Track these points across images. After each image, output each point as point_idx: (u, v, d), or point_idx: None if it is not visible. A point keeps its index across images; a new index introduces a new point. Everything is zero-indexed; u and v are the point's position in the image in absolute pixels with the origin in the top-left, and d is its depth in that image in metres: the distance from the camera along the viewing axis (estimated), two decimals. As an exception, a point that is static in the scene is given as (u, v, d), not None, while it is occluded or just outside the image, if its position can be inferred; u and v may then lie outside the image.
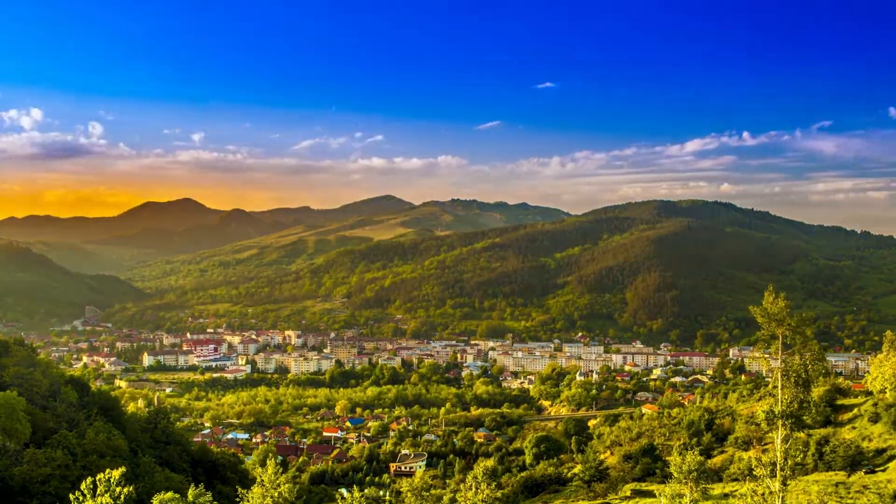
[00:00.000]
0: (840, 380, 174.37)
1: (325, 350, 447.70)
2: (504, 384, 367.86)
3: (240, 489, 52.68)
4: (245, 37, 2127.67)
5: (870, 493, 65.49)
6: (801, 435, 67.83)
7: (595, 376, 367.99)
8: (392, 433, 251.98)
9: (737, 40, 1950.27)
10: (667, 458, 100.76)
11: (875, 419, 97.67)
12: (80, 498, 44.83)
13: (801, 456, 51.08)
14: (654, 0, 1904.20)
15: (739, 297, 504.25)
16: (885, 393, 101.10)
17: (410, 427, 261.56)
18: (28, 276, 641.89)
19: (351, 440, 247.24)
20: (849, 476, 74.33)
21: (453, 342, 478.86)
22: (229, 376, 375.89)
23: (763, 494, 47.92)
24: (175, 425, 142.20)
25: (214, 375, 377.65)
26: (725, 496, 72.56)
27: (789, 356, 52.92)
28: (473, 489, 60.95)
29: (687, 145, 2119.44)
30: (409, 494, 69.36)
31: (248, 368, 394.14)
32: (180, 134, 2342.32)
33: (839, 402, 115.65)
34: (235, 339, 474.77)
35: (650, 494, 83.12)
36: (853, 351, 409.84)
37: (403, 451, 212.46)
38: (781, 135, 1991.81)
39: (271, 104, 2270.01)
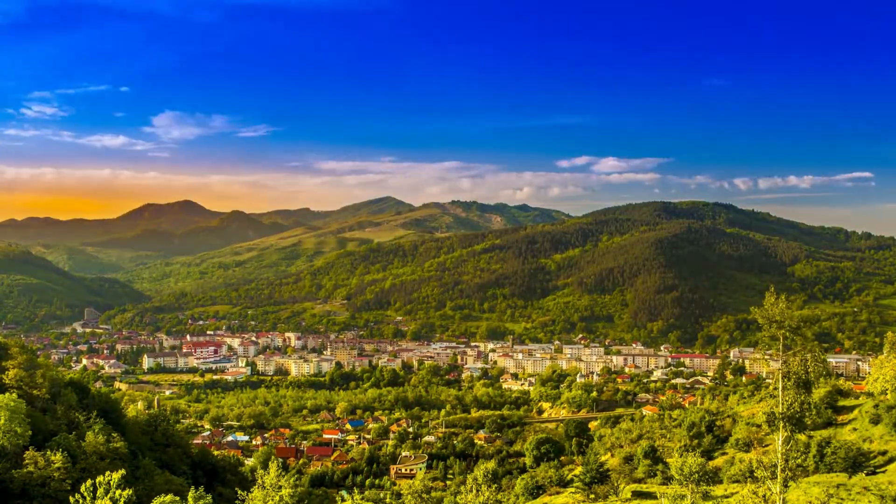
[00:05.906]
0: (841, 381, 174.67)
1: (325, 352, 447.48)
2: (504, 386, 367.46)
3: (240, 491, 52.58)
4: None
5: (871, 495, 65.42)
6: (802, 437, 67.72)
7: (595, 378, 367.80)
8: (392, 435, 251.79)
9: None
10: (668, 460, 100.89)
11: (876, 421, 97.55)
12: (80, 500, 44.83)
13: (802, 458, 50.96)
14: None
15: (740, 298, 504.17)
16: (887, 394, 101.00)
17: (410, 429, 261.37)
18: (28, 278, 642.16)
19: (351, 442, 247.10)
20: (850, 478, 74.30)
21: (453, 344, 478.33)
22: (229, 378, 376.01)
23: (764, 496, 47.87)
24: (175, 427, 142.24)
25: (214, 377, 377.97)
26: (726, 498, 72.54)
27: (790, 357, 52.81)
28: (474, 491, 60.98)
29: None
30: (409, 496, 69.41)
31: (248, 370, 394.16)
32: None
33: (840, 403, 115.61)
34: (235, 342, 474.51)
35: (651, 496, 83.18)
36: (854, 352, 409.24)
37: (404, 454, 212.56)
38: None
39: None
